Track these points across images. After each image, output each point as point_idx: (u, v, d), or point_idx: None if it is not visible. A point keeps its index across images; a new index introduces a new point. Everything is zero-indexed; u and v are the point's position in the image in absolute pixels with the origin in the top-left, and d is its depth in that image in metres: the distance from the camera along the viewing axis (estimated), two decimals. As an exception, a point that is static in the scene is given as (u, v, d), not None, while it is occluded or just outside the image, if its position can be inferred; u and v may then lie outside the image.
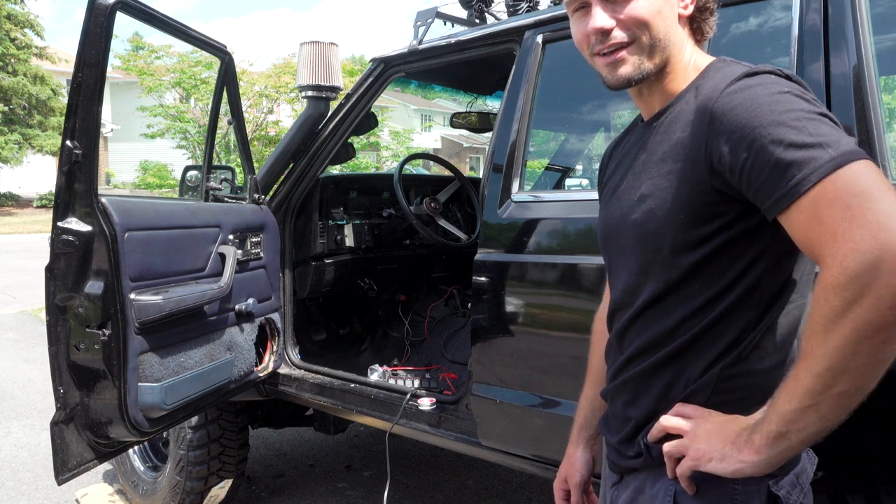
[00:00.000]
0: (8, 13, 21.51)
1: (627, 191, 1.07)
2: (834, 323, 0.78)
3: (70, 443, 1.99)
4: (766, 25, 1.70)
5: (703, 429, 0.93)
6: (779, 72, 0.93)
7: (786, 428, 0.84)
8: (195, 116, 17.68)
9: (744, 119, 0.88)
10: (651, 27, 1.00)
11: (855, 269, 0.76)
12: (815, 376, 0.81)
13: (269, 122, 18.21)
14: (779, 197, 0.85)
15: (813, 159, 0.82)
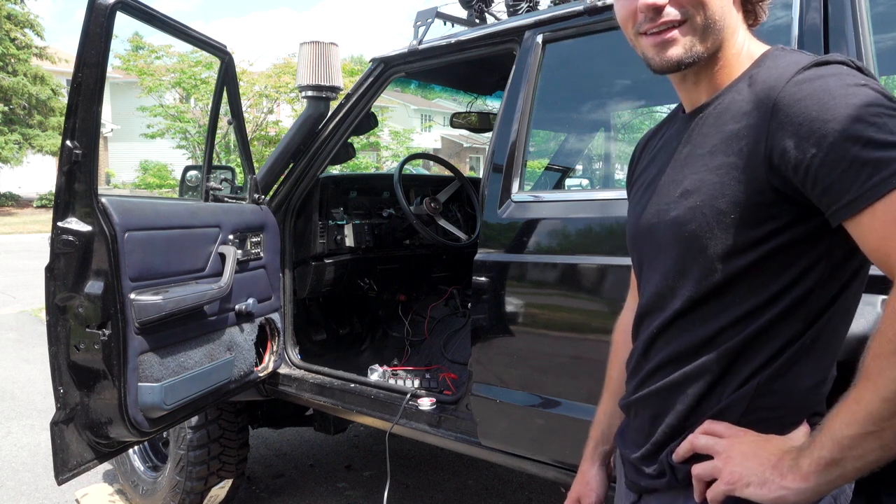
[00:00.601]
0: (8, 13, 21.51)
1: (666, 185, 0.98)
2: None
3: (70, 443, 1.99)
4: (765, 24, 1.70)
5: (739, 450, 0.85)
6: (851, 62, 0.85)
7: (841, 454, 0.77)
8: (195, 116, 17.68)
9: (815, 111, 0.80)
10: (707, 6, 0.91)
11: None
12: (883, 400, 0.74)
13: (269, 122, 18.21)
14: (852, 199, 0.77)
15: (894, 160, 0.75)
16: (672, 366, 0.95)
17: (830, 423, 0.78)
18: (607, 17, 1.86)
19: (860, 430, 0.75)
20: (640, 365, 1.01)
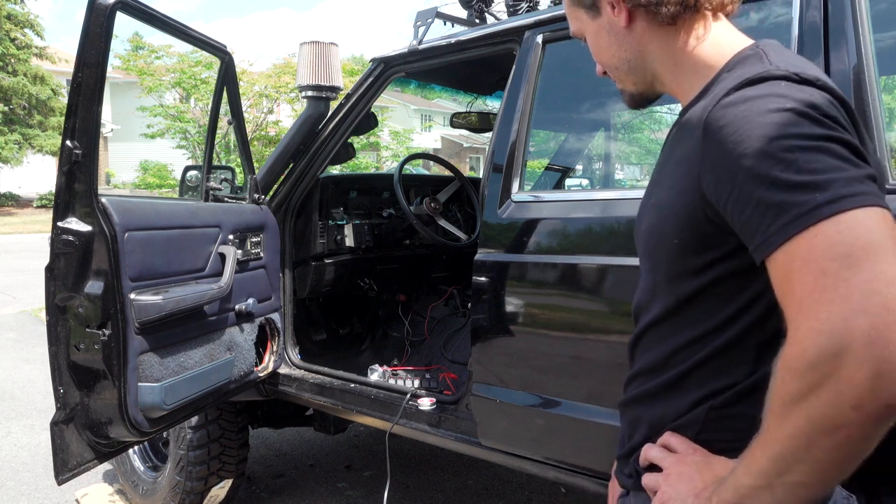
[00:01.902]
0: (8, 13, 21.51)
1: (648, 193, 0.98)
2: (789, 408, 0.67)
3: (70, 443, 1.99)
4: (766, 22, 1.70)
5: (679, 470, 0.85)
6: (796, 76, 0.77)
7: (740, 501, 0.74)
8: (195, 116, 17.68)
9: (731, 142, 0.75)
10: (604, 63, 0.99)
11: (815, 355, 0.63)
12: (769, 459, 0.70)
13: (269, 122, 18.21)
14: (758, 245, 0.72)
15: (796, 204, 0.68)
16: (642, 378, 0.96)
17: (737, 467, 0.76)
18: (607, 17, 1.86)
19: (754, 483, 0.72)
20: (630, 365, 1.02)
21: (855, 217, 0.66)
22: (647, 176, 11.77)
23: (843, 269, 0.64)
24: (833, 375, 0.62)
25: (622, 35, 0.95)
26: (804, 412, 0.65)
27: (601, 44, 0.97)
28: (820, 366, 0.63)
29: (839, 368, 0.62)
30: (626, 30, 0.94)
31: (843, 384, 0.62)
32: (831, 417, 0.64)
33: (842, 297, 0.63)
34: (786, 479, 0.69)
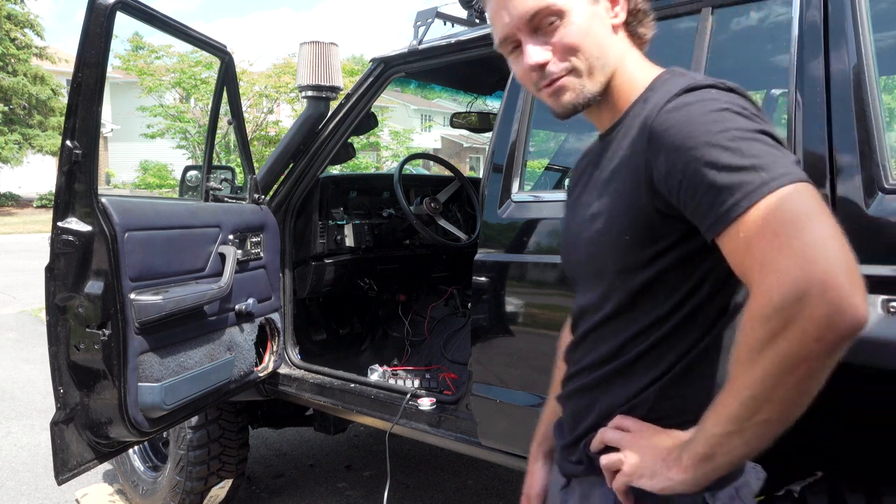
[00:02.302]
0: (8, 13, 21.51)
1: (583, 207, 1.06)
2: (758, 353, 0.77)
3: (70, 443, 1.99)
4: (766, 22, 1.70)
5: (638, 444, 0.93)
6: (721, 85, 0.90)
7: (712, 450, 0.83)
8: (195, 116, 17.69)
9: (679, 139, 0.86)
10: (582, 48, 0.97)
11: (780, 301, 0.74)
12: (740, 404, 0.79)
13: (269, 122, 18.22)
14: (712, 222, 0.83)
15: (746, 183, 0.80)
16: (591, 370, 1.04)
17: (704, 422, 0.84)
18: (607, 17, 1.86)
19: (724, 430, 0.81)
20: (570, 364, 1.11)
21: (792, 191, 0.79)
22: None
23: (793, 231, 0.76)
24: (798, 316, 0.73)
25: (607, 34, 1.00)
26: (773, 353, 0.75)
27: (592, 28, 0.98)
28: (785, 309, 0.74)
29: (803, 309, 0.73)
30: (613, 30, 1.01)
31: (807, 322, 0.73)
32: (797, 353, 0.74)
33: (796, 253, 0.74)
34: (755, 419, 0.79)
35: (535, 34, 0.98)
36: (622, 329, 0.99)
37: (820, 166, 1.44)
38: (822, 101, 1.46)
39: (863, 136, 1.40)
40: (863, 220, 1.38)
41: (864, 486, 1.38)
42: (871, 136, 1.39)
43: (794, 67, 1.51)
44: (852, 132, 1.41)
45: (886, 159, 1.39)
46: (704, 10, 1.68)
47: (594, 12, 0.98)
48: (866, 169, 1.38)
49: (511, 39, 1.01)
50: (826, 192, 1.43)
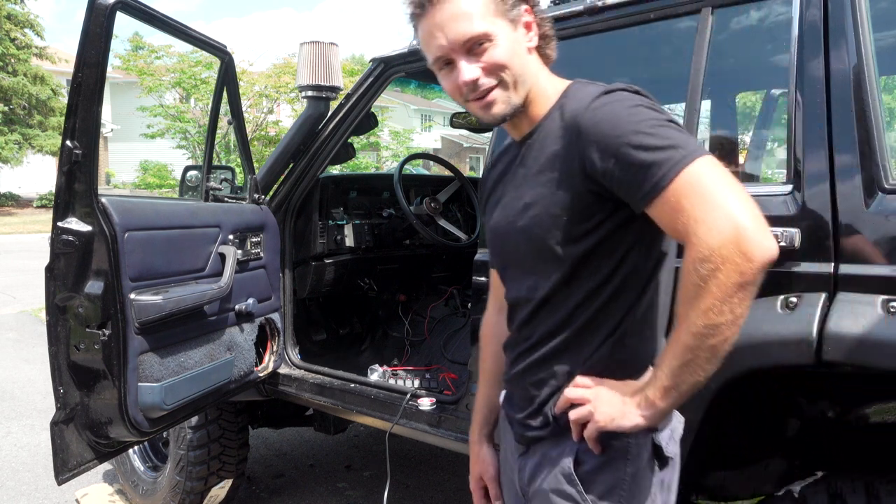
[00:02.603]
0: (8, 13, 21.50)
1: (511, 202, 1.22)
2: (702, 288, 0.95)
3: (70, 443, 1.99)
4: (766, 21, 1.70)
5: (603, 395, 1.09)
6: (629, 88, 1.09)
7: (674, 382, 1.01)
8: (195, 116, 17.68)
9: (608, 130, 1.04)
10: (510, 67, 1.13)
11: (716, 244, 0.94)
12: (692, 335, 0.97)
13: (269, 122, 18.21)
14: (646, 193, 1.01)
15: (669, 158, 1.00)
16: (545, 342, 1.19)
17: (663, 360, 1.02)
18: (607, 18, 1.87)
19: (683, 360, 0.99)
20: (517, 345, 1.25)
21: (707, 160, 1.01)
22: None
23: (713, 192, 0.98)
24: (730, 254, 0.93)
25: (525, 55, 1.17)
26: (714, 285, 0.95)
27: (515, 51, 1.15)
28: (721, 249, 0.94)
29: (738, 245, 0.93)
30: (527, 53, 1.18)
31: (738, 256, 0.94)
32: (734, 281, 0.94)
33: (720, 207, 0.96)
34: (706, 344, 0.97)
35: (468, 55, 1.13)
36: (567, 300, 1.15)
37: (820, 166, 1.44)
38: (822, 101, 1.46)
39: (863, 136, 1.40)
40: (863, 219, 1.38)
41: (864, 486, 1.38)
42: (871, 136, 1.39)
43: (794, 67, 1.51)
44: (852, 132, 1.41)
45: (886, 159, 1.39)
46: (704, 10, 1.68)
47: (515, 37, 1.15)
48: (866, 169, 1.39)
49: (445, 59, 1.16)
50: (826, 192, 1.43)
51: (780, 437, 1.76)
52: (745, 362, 1.40)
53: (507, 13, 1.14)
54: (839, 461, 1.71)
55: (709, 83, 1.73)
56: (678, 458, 1.20)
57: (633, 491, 1.14)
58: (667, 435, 1.16)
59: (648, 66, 2.33)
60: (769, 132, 2.74)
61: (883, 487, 1.36)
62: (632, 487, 1.13)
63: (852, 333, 1.29)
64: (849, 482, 1.40)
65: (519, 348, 1.25)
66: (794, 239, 1.43)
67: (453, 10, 1.12)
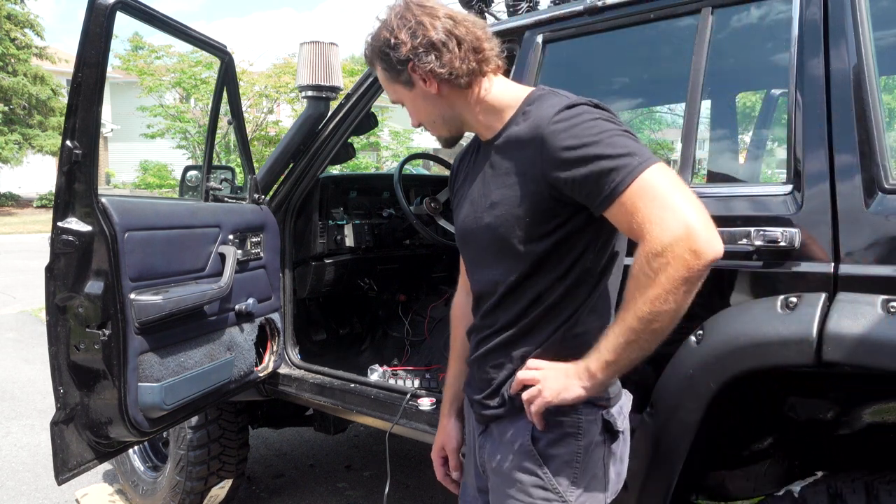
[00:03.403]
0: (8, 13, 21.49)
1: (479, 199, 1.33)
2: (652, 279, 1.07)
3: (70, 443, 1.99)
4: (766, 20, 1.70)
5: (550, 374, 1.22)
6: (589, 102, 1.21)
7: (616, 356, 1.15)
8: (195, 116, 17.68)
9: (570, 142, 1.16)
10: (423, 119, 1.37)
11: (668, 241, 1.06)
12: (638, 319, 1.10)
13: (269, 122, 18.20)
14: (605, 197, 1.13)
15: (626, 165, 1.12)
16: (504, 330, 1.31)
17: (607, 338, 1.16)
18: (607, 18, 1.87)
19: (627, 339, 1.13)
20: (480, 332, 1.37)
21: (659, 167, 1.13)
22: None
23: (665, 195, 1.10)
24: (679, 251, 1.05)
25: (435, 99, 1.32)
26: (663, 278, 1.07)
27: (419, 107, 1.35)
28: (671, 247, 1.06)
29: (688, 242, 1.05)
30: (436, 95, 1.31)
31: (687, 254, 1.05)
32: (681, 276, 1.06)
33: (671, 209, 1.08)
34: (649, 328, 1.11)
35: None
36: (527, 292, 1.27)
37: (820, 166, 1.44)
38: (822, 101, 1.46)
39: (863, 136, 1.40)
40: (863, 219, 1.38)
41: (864, 486, 1.38)
42: (871, 136, 1.39)
43: (794, 67, 1.51)
44: (852, 132, 1.41)
45: (886, 159, 1.39)
46: (704, 10, 1.68)
47: (415, 95, 1.33)
48: (866, 169, 1.39)
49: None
50: (826, 192, 1.43)
51: (779, 437, 1.76)
52: (745, 362, 1.40)
53: (399, 79, 1.32)
54: (839, 461, 1.71)
55: (709, 83, 1.73)
56: (628, 433, 1.35)
57: (587, 462, 1.26)
58: (616, 410, 1.29)
59: (648, 66, 2.33)
60: (769, 132, 2.74)
61: (883, 487, 1.36)
62: (585, 459, 1.26)
63: (852, 333, 1.29)
64: (849, 482, 1.40)
65: (481, 334, 1.36)
66: (794, 239, 1.43)
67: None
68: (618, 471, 1.32)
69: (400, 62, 1.28)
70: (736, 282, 1.52)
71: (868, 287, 1.34)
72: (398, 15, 1.27)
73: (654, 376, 1.58)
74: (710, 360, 1.44)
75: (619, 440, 1.30)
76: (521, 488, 1.28)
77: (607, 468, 1.29)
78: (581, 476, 1.26)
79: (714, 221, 1.09)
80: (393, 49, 1.27)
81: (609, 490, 1.30)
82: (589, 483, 1.27)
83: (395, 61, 1.28)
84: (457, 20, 1.27)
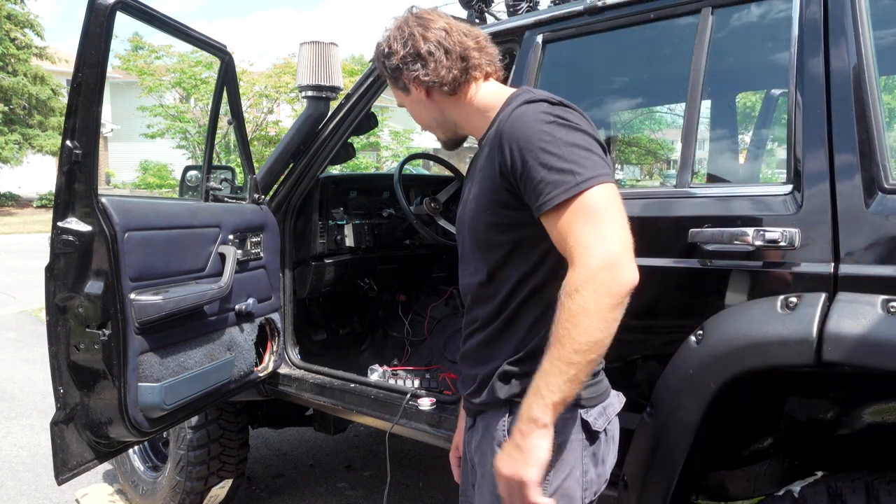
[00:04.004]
0: (8, 13, 21.49)
1: (465, 196, 1.41)
2: (584, 308, 1.09)
3: (70, 443, 1.99)
4: (765, 18, 1.70)
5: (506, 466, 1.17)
6: (552, 100, 1.24)
7: (561, 396, 1.12)
8: (195, 116, 17.67)
9: (520, 142, 1.19)
10: (421, 122, 1.46)
11: (597, 267, 1.09)
12: (575, 352, 1.10)
13: (269, 122, 18.19)
14: (539, 205, 1.17)
15: (565, 181, 1.14)
16: (483, 327, 1.35)
17: (545, 381, 1.13)
18: (607, 18, 1.87)
19: (567, 375, 1.11)
20: (465, 328, 1.42)
21: (600, 190, 1.15)
22: (646, 175, 11.75)
23: (597, 221, 1.13)
24: (606, 278, 1.09)
25: (427, 104, 1.41)
26: (594, 306, 1.08)
27: (416, 111, 1.44)
28: (598, 274, 1.09)
29: (612, 271, 1.09)
30: (428, 100, 1.40)
31: (612, 283, 1.09)
32: (610, 303, 1.09)
33: (602, 236, 1.11)
34: (589, 357, 1.10)
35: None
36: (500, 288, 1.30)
37: (820, 166, 1.44)
38: (822, 100, 1.46)
39: (863, 135, 1.40)
40: (863, 219, 1.38)
41: (864, 486, 1.38)
42: (871, 136, 1.39)
43: (794, 67, 1.51)
44: (852, 132, 1.41)
45: (886, 159, 1.39)
46: (704, 10, 1.68)
47: (412, 100, 1.42)
48: (866, 169, 1.39)
49: None
50: (826, 192, 1.43)
51: (779, 437, 1.76)
52: (745, 362, 1.40)
53: (397, 85, 1.42)
54: (839, 461, 1.71)
55: (709, 83, 1.73)
56: (616, 434, 1.36)
57: (560, 462, 1.26)
58: (597, 412, 1.30)
59: (648, 67, 2.33)
60: (769, 132, 2.74)
61: (883, 487, 1.36)
62: (558, 457, 1.25)
63: (852, 333, 1.29)
64: (849, 482, 1.40)
65: (465, 331, 1.41)
66: (794, 239, 1.43)
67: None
68: (599, 472, 1.32)
69: (393, 70, 1.39)
70: (736, 282, 1.53)
71: (868, 287, 1.34)
72: (397, 26, 1.39)
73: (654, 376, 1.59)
74: (709, 360, 1.44)
75: (600, 441, 1.30)
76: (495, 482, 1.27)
77: (586, 468, 1.29)
78: (555, 474, 1.25)
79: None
80: (387, 58, 1.39)
81: (588, 490, 1.30)
82: (564, 481, 1.27)
83: (390, 69, 1.40)
84: (450, 31, 1.36)
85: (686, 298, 1.64)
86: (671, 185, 1.75)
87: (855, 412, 1.62)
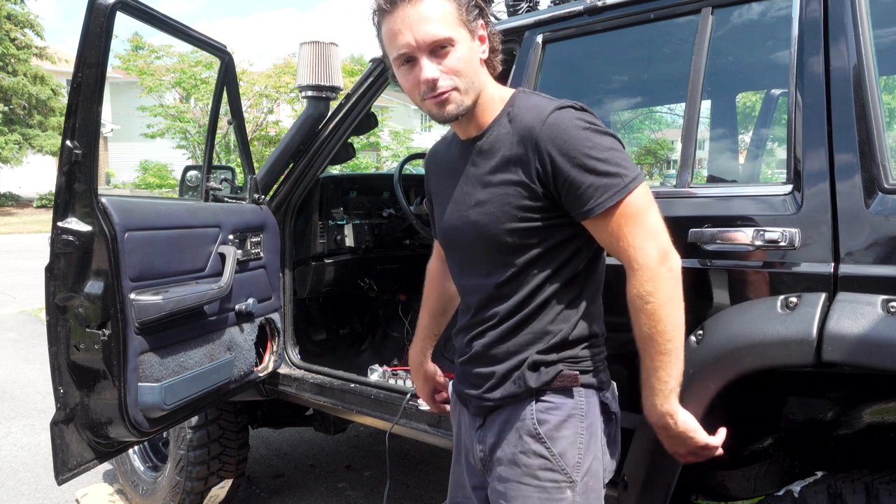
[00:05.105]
0: (8, 13, 21.50)
1: (462, 197, 1.36)
2: (659, 304, 1.21)
3: (70, 443, 1.99)
4: (766, 17, 1.70)
5: (682, 449, 1.34)
6: (577, 106, 1.26)
7: (677, 382, 1.26)
8: (195, 116, 17.66)
9: (563, 147, 1.21)
10: (466, 73, 1.27)
11: (655, 267, 1.21)
12: (671, 339, 1.22)
13: (269, 122, 18.19)
14: (588, 209, 1.22)
15: (613, 185, 1.20)
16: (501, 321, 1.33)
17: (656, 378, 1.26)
18: (607, 18, 1.87)
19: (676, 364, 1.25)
20: (473, 328, 1.39)
21: (641, 190, 1.23)
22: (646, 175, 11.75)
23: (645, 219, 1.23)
24: (667, 268, 1.22)
25: (479, 65, 1.31)
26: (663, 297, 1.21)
27: (472, 58, 1.29)
28: (660, 269, 1.21)
29: (667, 262, 1.22)
30: (481, 63, 1.32)
31: (672, 268, 1.23)
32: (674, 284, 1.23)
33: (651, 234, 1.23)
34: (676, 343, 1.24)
35: (430, 55, 1.25)
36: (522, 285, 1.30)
37: (820, 166, 1.44)
38: (822, 100, 1.46)
39: (863, 135, 1.40)
40: (863, 219, 1.38)
41: (864, 486, 1.38)
42: (871, 135, 1.39)
43: (794, 67, 1.51)
44: (852, 132, 1.41)
45: (886, 159, 1.39)
46: (704, 10, 1.68)
47: (472, 47, 1.29)
48: (866, 169, 1.38)
49: (407, 56, 1.26)
50: (826, 192, 1.43)
51: (779, 437, 1.76)
52: (745, 362, 1.40)
53: (468, 24, 1.28)
54: (839, 461, 1.71)
55: (709, 83, 1.73)
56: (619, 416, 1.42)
57: (590, 442, 1.31)
58: (611, 393, 1.38)
59: (648, 67, 2.33)
60: (769, 132, 2.74)
61: (883, 487, 1.36)
62: (588, 439, 1.31)
63: (852, 333, 1.29)
64: (849, 482, 1.40)
65: (473, 331, 1.39)
66: (794, 239, 1.43)
67: (423, 12, 1.23)
68: (612, 452, 1.38)
69: (482, 8, 1.33)
70: (736, 282, 1.53)
71: (868, 287, 1.34)
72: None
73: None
74: (710, 360, 1.44)
75: (613, 422, 1.38)
76: (527, 472, 1.30)
77: (605, 449, 1.35)
78: (585, 456, 1.31)
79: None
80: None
81: (607, 471, 1.37)
82: (592, 463, 1.32)
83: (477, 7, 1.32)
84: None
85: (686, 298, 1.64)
86: (671, 184, 1.75)
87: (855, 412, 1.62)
